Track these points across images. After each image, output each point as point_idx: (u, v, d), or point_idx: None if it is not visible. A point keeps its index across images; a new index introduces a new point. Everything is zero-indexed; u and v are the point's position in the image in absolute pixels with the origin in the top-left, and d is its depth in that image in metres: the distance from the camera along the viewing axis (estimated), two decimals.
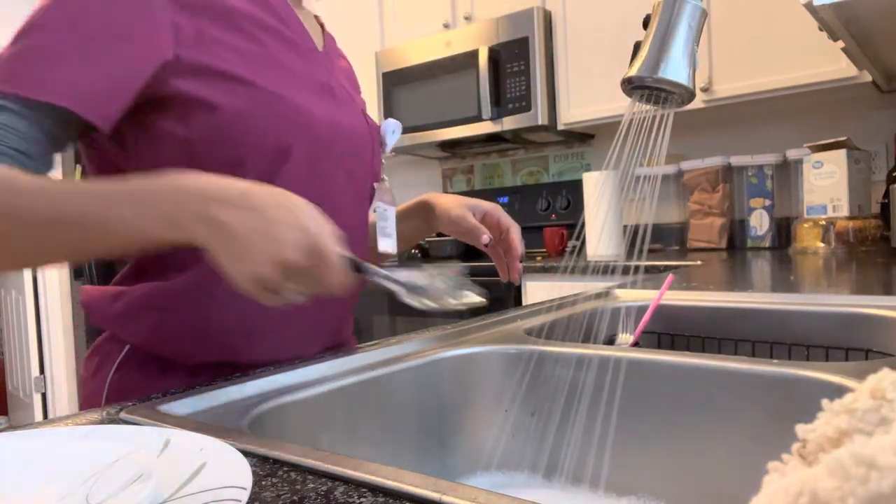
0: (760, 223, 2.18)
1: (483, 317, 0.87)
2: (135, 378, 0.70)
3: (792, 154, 2.10)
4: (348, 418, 0.61)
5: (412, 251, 2.94)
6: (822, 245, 1.81)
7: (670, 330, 0.95)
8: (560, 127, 2.44)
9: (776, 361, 0.57)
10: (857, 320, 0.82)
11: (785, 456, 0.23)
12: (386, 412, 0.64)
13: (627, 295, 1.04)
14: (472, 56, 2.48)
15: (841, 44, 1.50)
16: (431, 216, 0.91)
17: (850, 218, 1.80)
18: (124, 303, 0.69)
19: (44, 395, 3.67)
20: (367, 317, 2.53)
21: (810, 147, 1.91)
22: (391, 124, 0.85)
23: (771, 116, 2.32)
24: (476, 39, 2.50)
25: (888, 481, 0.17)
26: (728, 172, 2.26)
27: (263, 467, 0.39)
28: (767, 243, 2.17)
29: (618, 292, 1.06)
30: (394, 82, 2.72)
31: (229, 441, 0.41)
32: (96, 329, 0.75)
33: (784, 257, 1.74)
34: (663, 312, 0.96)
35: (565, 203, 2.69)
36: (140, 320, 0.69)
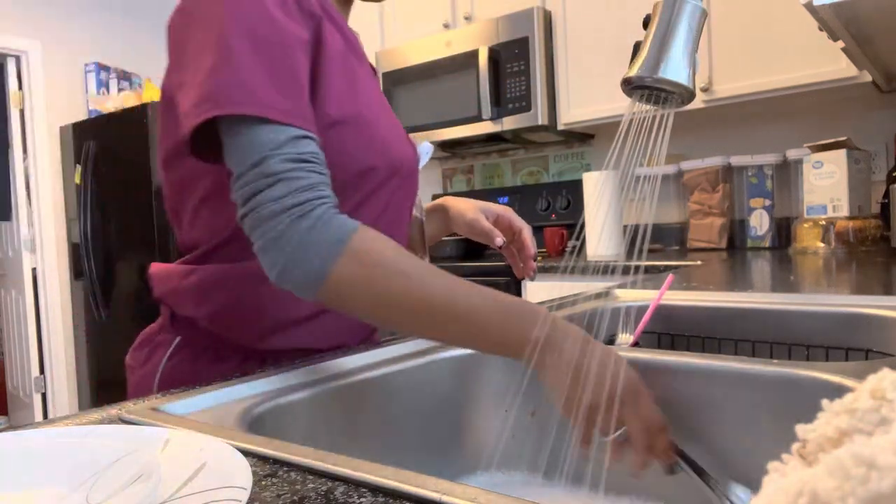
0: (760, 223, 2.18)
1: None
2: (188, 366, 0.74)
3: (792, 154, 2.10)
4: (348, 418, 0.61)
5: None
6: (822, 245, 1.81)
7: (670, 330, 0.95)
8: (560, 127, 2.44)
9: (776, 361, 0.57)
10: (857, 320, 0.82)
11: (785, 456, 0.23)
12: (386, 412, 0.64)
13: (627, 295, 1.04)
14: (472, 56, 2.48)
15: (841, 44, 1.50)
16: (447, 219, 0.98)
17: (850, 218, 1.80)
18: (197, 278, 0.73)
19: (44, 395, 3.67)
20: None
21: (810, 147, 1.91)
22: (426, 147, 0.92)
23: (771, 116, 2.32)
24: (476, 39, 2.50)
25: (888, 481, 0.17)
26: (728, 172, 2.26)
27: (263, 467, 0.39)
28: (767, 243, 2.17)
29: (618, 292, 1.06)
30: (394, 82, 2.72)
31: (229, 441, 0.41)
32: (150, 311, 0.78)
33: (784, 257, 1.74)
34: (663, 312, 0.96)
35: (565, 203, 2.69)
36: (210, 297, 0.72)
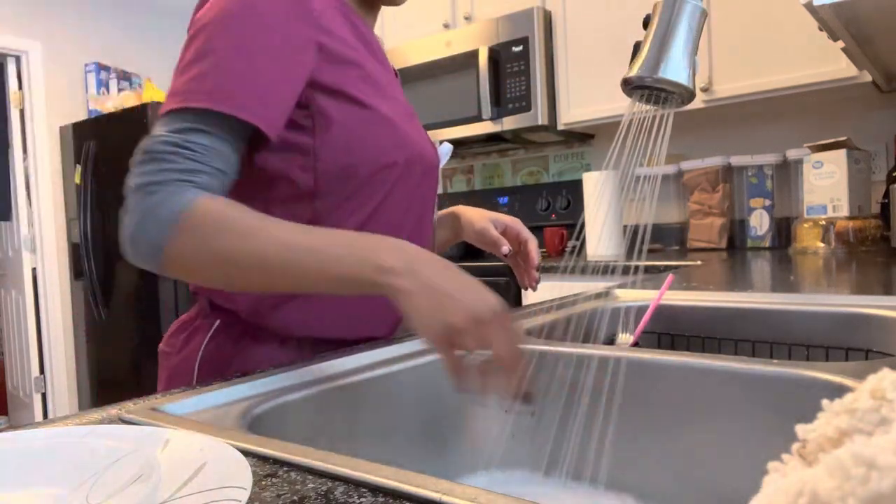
0: (760, 223, 2.18)
1: None
2: (230, 347, 0.76)
3: (792, 154, 2.10)
4: (348, 418, 0.61)
5: None
6: (822, 245, 1.81)
7: (670, 330, 0.95)
8: (560, 127, 2.44)
9: (776, 361, 0.57)
10: (857, 320, 0.82)
11: (785, 456, 0.23)
12: (386, 412, 0.64)
13: (627, 295, 1.04)
14: (472, 56, 2.48)
15: (841, 44, 1.50)
16: (458, 227, 1.01)
17: (850, 218, 1.80)
18: None
19: (44, 395, 3.67)
20: None
21: (810, 147, 1.91)
22: (446, 148, 0.95)
23: (771, 116, 2.32)
24: (476, 39, 2.50)
25: (888, 481, 0.17)
26: (728, 172, 2.26)
27: (263, 467, 0.39)
28: (767, 243, 2.17)
29: (618, 292, 1.06)
30: None
31: (229, 441, 0.41)
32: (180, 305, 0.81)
33: (784, 257, 1.74)
34: (663, 312, 0.96)
35: (565, 203, 2.69)
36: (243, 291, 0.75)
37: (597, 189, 2.17)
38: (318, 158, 0.74)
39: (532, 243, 0.98)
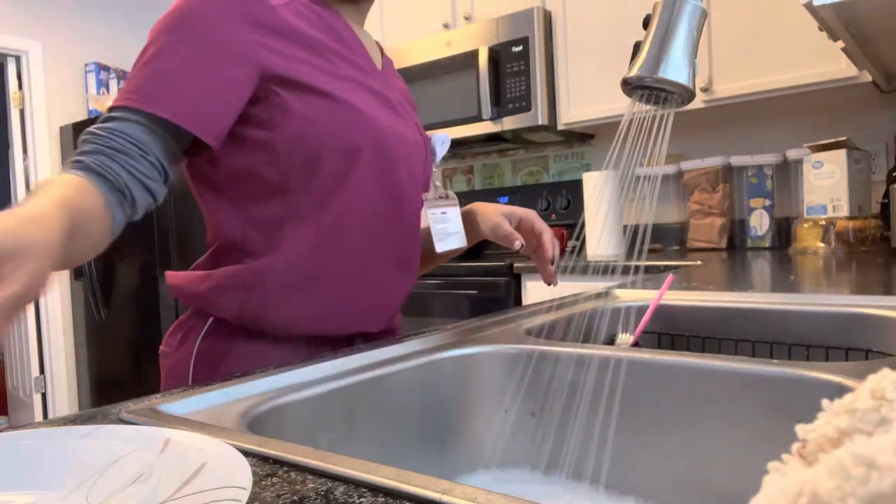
0: (760, 223, 2.18)
1: (483, 317, 0.87)
2: (224, 343, 0.78)
3: (792, 154, 2.10)
4: (348, 418, 0.61)
5: None
6: (822, 245, 1.81)
7: (670, 330, 0.95)
8: (560, 127, 2.44)
9: (776, 361, 0.57)
10: (857, 320, 0.82)
11: (785, 456, 0.23)
12: (386, 412, 0.64)
13: (627, 295, 1.04)
14: (472, 56, 2.48)
15: (841, 44, 1.50)
16: (475, 224, 0.99)
17: (850, 218, 1.80)
18: (212, 282, 0.77)
19: (44, 395, 3.67)
20: None
21: (810, 147, 1.91)
22: (441, 137, 0.95)
23: (771, 116, 2.32)
24: (476, 39, 2.50)
25: (888, 481, 0.17)
26: (728, 172, 2.26)
27: (263, 467, 0.39)
28: (767, 243, 2.17)
29: (618, 292, 1.06)
30: None
31: (229, 441, 0.41)
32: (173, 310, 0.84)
33: (784, 257, 1.74)
34: (663, 312, 0.96)
35: (565, 203, 2.69)
36: (228, 295, 0.77)
37: (597, 189, 2.17)
38: (281, 152, 0.74)
39: (546, 235, 0.94)
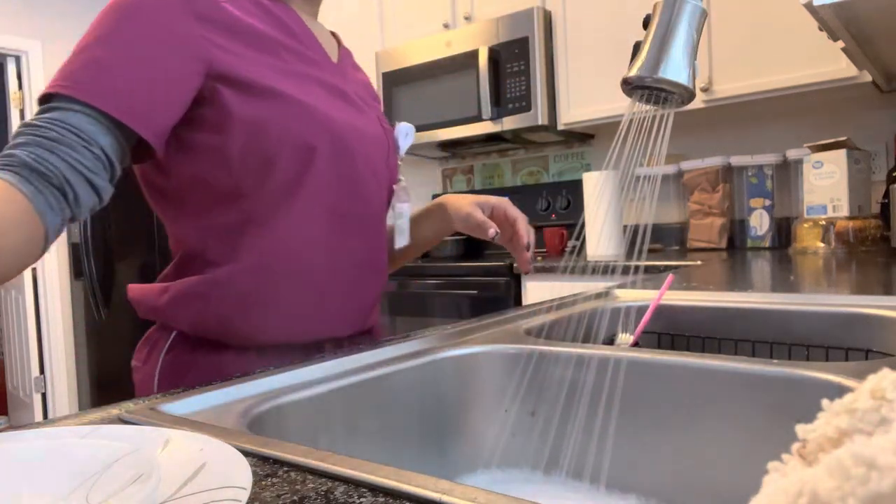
0: (760, 223, 2.18)
1: (483, 317, 0.87)
2: (186, 359, 0.76)
3: (792, 154, 2.10)
4: (348, 418, 0.61)
5: None
6: (822, 245, 1.81)
7: (670, 330, 0.95)
8: (560, 127, 2.44)
9: (776, 361, 0.57)
10: (857, 320, 0.82)
11: (785, 456, 0.23)
12: (386, 412, 0.64)
13: (627, 295, 1.04)
14: (472, 56, 2.48)
15: (841, 44, 1.50)
16: (446, 216, 0.97)
17: (850, 218, 1.80)
18: (171, 295, 0.75)
19: (44, 395, 3.67)
20: None
21: (810, 147, 1.91)
22: (404, 128, 0.91)
23: (771, 116, 2.32)
24: (476, 39, 2.50)
25: (888, 481, 0.17)
26: (728, 172, 2.26)
27: (263, 467, 0.39)
28: (767, 243, 2.17)
29: (618, 292, 1.06)
30: (394, 82, 2.72)
31: (229, 441, 0.41)
32: (143, 323, 0.83)
33: (784, 257, 1.74)
34: (663, 312, 0.96)
35: (565, 203, 2.69)
36: (186, 308, 0.75)
37: (597, 189, 2.17)
38: (232, 156, 0.70)
39: (521, 222, 0.93)
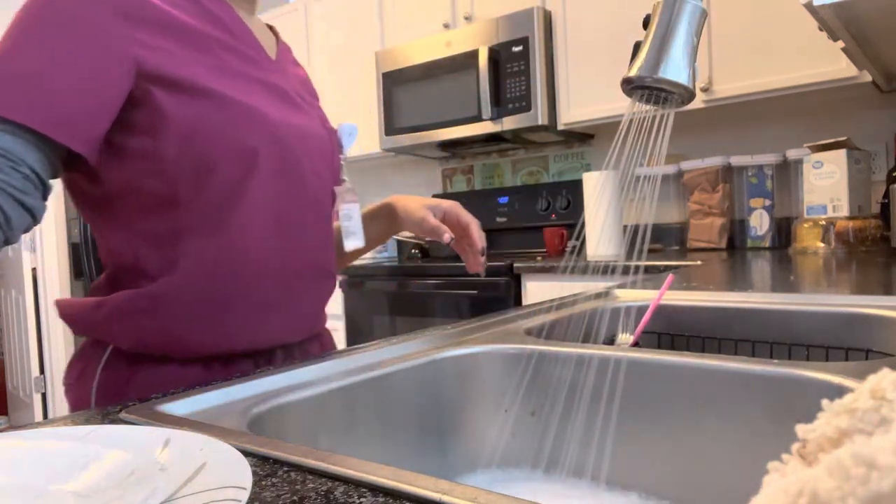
0: (760, 223, 2.18)
1: (483, 317, 0.87)
2: (124, 374, 0.72)
3: (792, 154, 2.10)
4: (348, 418, 0.61)
5: (412, 251, 2.94)
6: (822, 245, 1.81)
7: (670, 330, 0.95)
8: (560, 127, 2.44)
9: (776, 361, 0.57)
10: (857, 320, 0.82)
11: (785, 456, 0.23)
12: (386, 412, 0.64)
13: (627, 295, 1.04)
14: (472, 56, 2.48)
15: (841, 44, 1.50)
16: (395, 217, 0.96)
17: (850, 218, 1.80)
18: (107, 310, 0.71)
19: (44, 395, 3.67)
20: (367, 317, 2.53)
21: (810, 147, 1.91)
22: (347, 127, 0.89)
23: (771, 116, 2.32)
24: (476, 39, 2.50)
25: (888, 481, 0.17)
26: (728, 172, 2.26)
27: (263, 467, 0.39)
28: (767, 243, 2.17)
29: (618, 292, 1.06)
30: (394, 82, 2.72)
31: (229, 441, 0.41)
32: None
33: (784, 257, 1.74)
34: (663, 312, 0.96)
35: (565, 203, 2.69)
36: (124, 324, 0.70)
37: (597, 189, 2.17)
38: (166, 161, 0.66)
39: (474, 226, 0.94)
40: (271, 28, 0.87)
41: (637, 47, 0.69)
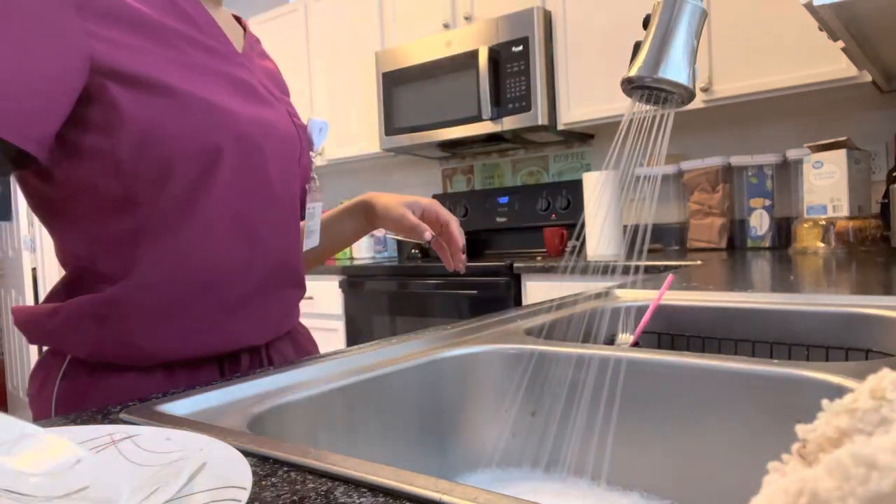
0: (760, 223, 2.18)
1: (483, 317, 0.87)
2: (84, 385, 0.69)
3: (792, 154, 2.10)
4: (348, 418, 0.61)
5: (412, 251, 2.94)
6: (822, 245, 1.81)
7: (670, 330, 0.95)
8: (560, 127, 2.44)
9: (776, 361, 0.57)
10: (857, 320, 0.82)
11: (785, 456, 0.23)
12: (386, 412, 0.64)
13: (627, 295, 1.04)
14: (472, 56, 2.48)
15: (841, 44, 1.50)
16: (372, 216, 0.94)
17: (850, 218, 1.80)
18: (61, 317, 0.68)
19: None
20: (367, 317, 2.53)
21: (810, 147, 1.91)
22: (317, 123, 0.86)
23: (771, 116, 2.32)
24: (476, 39, 2.50)
25: (888, 481, 0.17)
26: (728, 172, 2.26)
27: (263, 467, 0.39)
28: (767, 243, 2.17)
29: (618, 292, 1.06)
30: (394, 82, 2.72)
31: (229, 441, 0.41)
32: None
33: (784, 257, 1.74)
34: (663, 312, 0.96)
35: (565, 203, 2.69)
36: (80, 332, 0.68)
37: (597, 189, 2.17)
38: (123, 160, 0.63)
39: (453, 224, 0.92)
40: (238, 19, 0.84)
41: (637, 47, 0.69)
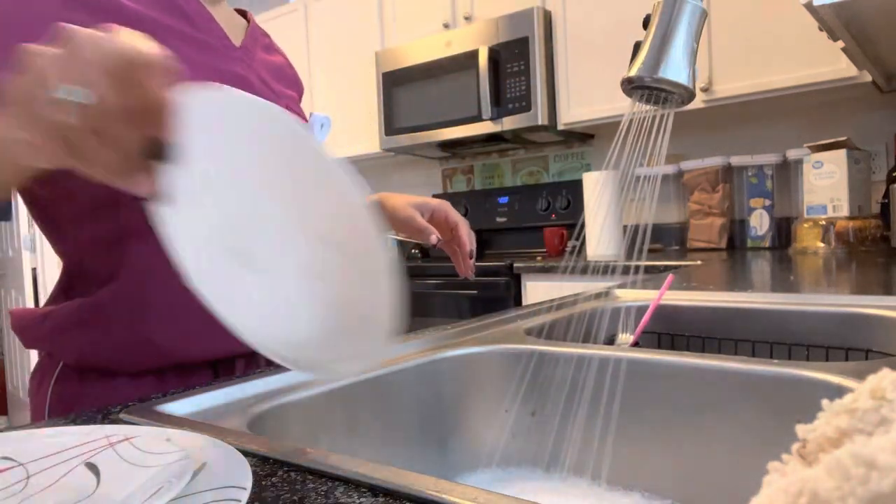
0: (760, 223, 2.18)
1: (483, 317, 0.87)
2: (74, 387, 0.69)
3: (792, 154, 2.10)
4: (348, 418, 0.61)
5: (412, 251, 2.94)
6: (822, 245, 1.81)
7: (670, 330, 0.95)
8: (560, 127, 2.44)
9: (776, 361, 0.57)
10: (857, 320, 0.82)
11: (785, 456, 0.23)
12: (386, 412, 0.64)
13: (627, 295, 1.04)
14: (472, 56, 2.48)
15: (841, 44, 1.50)
16: (380, 215, 0.92)
17: (850, 218, 1.80)
18: (53, 322, 0.68)
19: None
20: None
21: (810, 147, 1.91)
22: (319, 118, 0.85)
23: (771, 116, 2.32)
24: (476, 39, 2.50)
25: (888, 481, 0.17)
26: (728, 172, 2.26)
27: (263, 467, 0.39)
28: (767, 243, 2.17)
29: (618, 292, 1.06)
30: (394, 82, 2.72)
31: (229, 441, 0.41)
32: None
33: (784, 257, 1.74)
34: (663, 312, 0.96)
35: (565, 203, 2.69)
36: (69, 337, 0.68)
37: (597, 189, 2.17)
38: None
39: (462, 227, 0.90)
40: (244, 14, 0.83)
41: (637, 47, 0.69)
